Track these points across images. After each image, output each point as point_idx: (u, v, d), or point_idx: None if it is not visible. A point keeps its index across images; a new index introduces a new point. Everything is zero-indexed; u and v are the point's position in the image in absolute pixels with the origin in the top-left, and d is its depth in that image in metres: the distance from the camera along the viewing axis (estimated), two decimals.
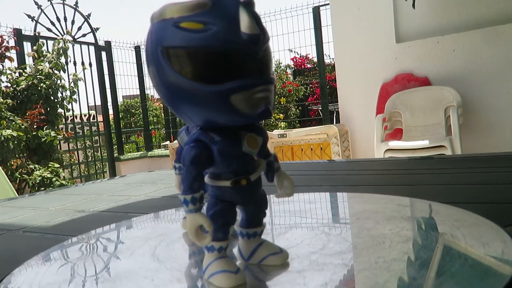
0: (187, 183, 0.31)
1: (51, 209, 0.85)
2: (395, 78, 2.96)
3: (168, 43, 0.29)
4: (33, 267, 0.43)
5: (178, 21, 0.29)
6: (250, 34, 0.29)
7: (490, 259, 0.35)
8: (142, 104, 5.05)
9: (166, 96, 0.31)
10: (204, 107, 0.30)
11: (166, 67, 0.29)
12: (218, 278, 0.32)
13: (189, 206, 0.31)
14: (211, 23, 0.28)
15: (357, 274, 0.35)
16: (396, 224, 0.48)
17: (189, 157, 0.31)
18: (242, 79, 0.29)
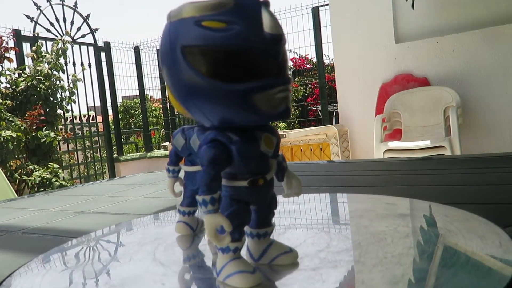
0: (206, 183, 0.31)
1: (51, 210, 0.85)
2: (395, 78, 2.96)
3: (189, 41, 0.29)
4: (33, 269, 0.43)
5: (200, 20, 0.29)
6: (273, 34, 0.29)
7: (490, 260, 0.36)
8: (141, 104, 5.05)
9: (183, 95, 0.31)
10: (224, 106, 0.30)
11: (186, 65, 0.29)
12: (235, 279, 0.32)
13: (208, 207, 0.31)
14: (234, 23, 0.28)
15: (371, 269, 0.35)
16: (390, 221, 0.49)
17: (208, 157, 0.31)
18: (264, 79, 0.29)
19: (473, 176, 0.88)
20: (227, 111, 0.30)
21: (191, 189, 0.47)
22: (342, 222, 0.54)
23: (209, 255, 0.42)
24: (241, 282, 0.32)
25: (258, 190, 0.34)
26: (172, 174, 0.47)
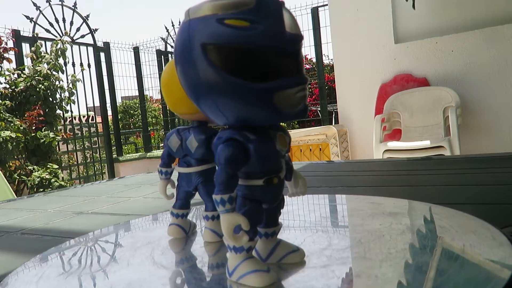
0: (223, 182, 0.31)
1: (50, 210, 0.85)
2: (394, 78, 2.96)
3: (210, 39, 0.29)
4: (30, 269, 0.43)
5: (223, 18, 0.28)
6: (293, 33, 0.29)
7: (488, 261, 0.35)
8: (141, 105, 5.05)
9: (201, 92, 0.31)
10: (246, 104, 0.30)
11: (207, 63, 0.29)
12: (250, 278, 0.32)
13: (226, 206, 0.30)
14: (257, 22, 0.28)
15: (380, 264, 0.36)
16: (382, 219, 0.50)
17: (226, 156, 0.31)
18: (285, 78, 0.30)
19: (472, 177, 0.88)
20: (248, 109, 0.30)
21: (186, 191, 0.46)
22: (336, 221, 0.55)
23: (205, 257, 0.42)
24: (257, 281, 0.32)
25: (272, 189, 0.34)
26: (165, 176, 0.46)
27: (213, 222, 0.45)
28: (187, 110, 0.43)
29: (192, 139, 0.43)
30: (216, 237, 0.45)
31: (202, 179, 0.45)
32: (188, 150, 0.44)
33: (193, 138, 0.43)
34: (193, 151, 0.43)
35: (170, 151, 0.45)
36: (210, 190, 0.45)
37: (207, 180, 0.45)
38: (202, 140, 0.43)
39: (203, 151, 0.43)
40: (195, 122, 0.44)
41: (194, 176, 0.45)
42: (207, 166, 0.45)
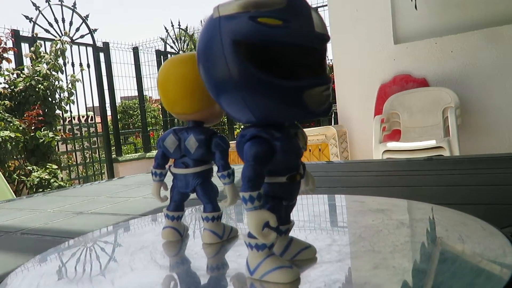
0: (252, 179, 0.31)
1: (49, 210, 0.85)
2: (393, 79, 2.97)
3: (244, 37, 0.29)
4: (30, 270, 0.43)
5: (256, 16, 0.29)
6: (322, 33, 0.30)
7: (488, 261, 0.36)
8: (140, 105, 5.05)
9: (228, 89, 0.31)
10: (276, 102, 0.30)
11: (239, 60, 0.29)
12: (276, 275, 0.32)
13: (254, 203, 0.31)
14: (289, 21, 0.29)
15: (393, 255, 0.37)
16: (371, 216, 0.51)
17: (255, 153, 0.31)
18: (315, 77, 0.30)
19: (472, 177, 0.88)
20: (278, 107, 0.31)
21: (182, 193, 0.45)
22: (329, 219, 0.55)
23: (208, 259, 0.42)
24: (282, 278, 0.32)
25: (293, 186, 0.35)
26: (159, 178, 0.45)
27: (213, 224, 0.44)
28: (184, 110, 0.43)
29: (191, 140, 0.43)
30: (216, 238, 0.44)
31: (200, 180, 0.44)
32: (186, 150, 0.43)
33: (192, 138, 0.43)
34: (192, 152, 0.43)
35: (166, 152, 0.44)
36: (209, 191, 0.45)
37: (205, 181, 0.45)
38: (202, 140, 0.43)
39: (202, 151, 0.43)
40: (191, 123, 0.44)
41: (192, 177, 0.44)
42: (205, 167, 0.44)
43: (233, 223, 0.57)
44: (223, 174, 0.43)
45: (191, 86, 0.41)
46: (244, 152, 0.32)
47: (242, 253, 0.41)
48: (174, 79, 0.42)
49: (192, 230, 0.52)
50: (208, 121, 0.45)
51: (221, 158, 0.44)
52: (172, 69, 0.43)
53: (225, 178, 0.44)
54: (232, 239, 0.45)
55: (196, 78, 0.41)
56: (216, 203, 0.45)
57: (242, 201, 0.31)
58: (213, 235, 0.44)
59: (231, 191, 0.44)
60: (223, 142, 0.44)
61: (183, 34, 5.22)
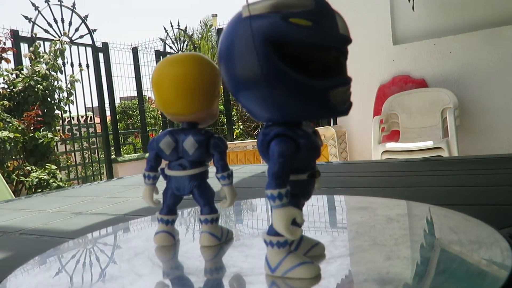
0: (279, 176, 0.31)
1: (48, 211, 0.85)
2: (392, 79, 2.97)
3: (276, 36, 0.30)
4: (29, 271, 0.43)
5: (287, 16, 0.30)
6: (346, 35, 0.31)
7: (485, 262, 0.36)
8: (139, 105, 5.04)
9: (256, 87, 0.31)
10: (304, 100, 0.31)
11: (270, 59, 0.30)
12: (299, 271, 0.32)
13: (282, 200, 0.31)
14: (318, 22, 0.30)
15: (399, 248, 0.39)
16: (358, 213, 0.53)
17: (282, 151, 0.32)
18: (339, 77, 0.32)
19: (470, 178, 0.89)
20: (305, 105, 0.31)
21: (176, 195, 0.45)
22: (317, 218, 0.56)
23: (199, 262, 0.42)
24: (307, 273, 0.32)
25: (311, 183, 0.35)
26: (152, 181, 0.44)
27: (212, 226, 0.44)
28: (179, 111, 0.42)
29: (190, 141, 0.42)
30: (215, 240, 0.44)
31: (197, 182, 0.43)
32: (184, 152, 0.42)
33: (191, 139, 0.42)
34: (190, 153, 0.42)
35: (161, 154, 0.43)
36: (206, 193, 0.44)
37: (202, 183, 0.44)
38: (201, 141, 0.42)
39: (201, 152, 0.42)
40: (185, 124, 0.43)
41: (189, 179, 0.43)
42: (202, 169, 0.44)
43: (233, 224, 0.57)
44: (223, 175, 0.43)
45: (189, 86, 0.41)
46: (270, 150, 0.32)
47: (243, 254, 0.41)
48: (171, 78, 0.41)
49: (183, 233, 0.50)
50: (203, 122, 0.44)
51: (220, 159, 0.43)
52: (169, 68, 0.42)
53: (224, 179, 0.43)
54: (229, 241, 0.45)
55: (193, 79, 0.41)
56: (214, 205, 0.45)
57: (270, 198, 0.31)
58: (212, 238, 0.44)
59: (231, 192, 0.44)
60: (221, 143, 0.44)
61: (182, 34, 5.22)
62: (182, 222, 0.58)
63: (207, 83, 0.42)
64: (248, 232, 0.52)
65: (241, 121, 5.28)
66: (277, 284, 0.33)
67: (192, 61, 0.42)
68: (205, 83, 0.42)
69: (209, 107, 0.43)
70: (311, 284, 0.32)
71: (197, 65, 0.42)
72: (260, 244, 0.44)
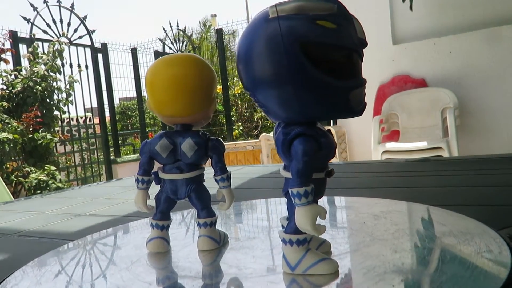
0: (305, 175, 0.32)
1: (47, 212, 0.85)
2: (392, 79, 2.97)
3: (305, 37, 0.31)
4: (28, 273, 0.42)
5: (315, 18, 0.31)
6: (363, 38, 0.33)
7: (485, 262, 0.36)
8: (138, 106, 5.04)
9: (280, 85, 0.32)
10: (327, 100, 0.32)
11: (299, 59, 0.31)
12: (320, 267, 0.33)
13: (308, 198, 0.32)
14: (341, 25, 0.31)
15: (400, 241, 0.41)
16: (344, 212, 0.55)
17: (306, 150, 0.32)
18: (357, 78, 0.33)
19: (470, 178, 0.88)
20: (327, 104, 0.33)
21: (173, 199, 0.43)
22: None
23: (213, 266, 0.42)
24: (328, 269, 0.34)
25: (326, 181, 0.36)
26: (146, 185, 0.43)
27: (210, 229, 0.43)
28: (174, 113, 0.41)
29: (189, 143, 0.41)
30: (215, 244, 0.43)
31: (195, 186, 0.43)
32: (182, 154, 0.41)
33: (190, 142, 0.41)
34: (189, 156, 0.41)
35: (156, 157, 0.42)
36: (203, 196, 0.43)
37: (199, 186, 0.43)
38: (201, 143, 0.41)
39: (199, 155, 0.42)
40: (179, 126, 0.42)
41: (187, 182, 0.42)
42: (199, 171, 0.43)
43: (232, 225, 0.57)
44: (222, 177, 0.43)
45: (187, 88, 0.40)
46: (293, 149, 0.33)
47: (250, 256, 0.41)
48: (168, 79, 0.40)
49: (175, 238, 0.48)
50: (197, 124, 0.43)
51: (218, 161, 0.43)
52: (166, 69, 0.40)
53: (224, 181, 0.43)
54: (226, 244, 0.45)
55: (192, 80, 0.40)
56: (211, 208, 0.44)
57: (295, 196, 0.32)
58: (211, 241, 0.43)
59: (229, 194, 0.44)
60: (220, 145, 0.43)
61: (181, 35, 5.22)
62: (173, 227, 0.58)
63: (205, 85, 0.41)
64: (244, 233, 0.52)
65: (240, 122, 5.28)
66: (298, 281, 0.33)
67: (190, 62, 0.41)
68: (203, 84, 0.41)
69: (207, 109, 0.42)
70: (331, 280, 0.33)
71: (195, 66, 0.41)
72: (261, 245, 0.43)
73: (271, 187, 0.94)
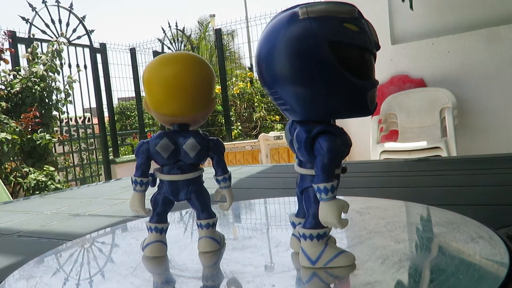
0: (331, 171, 0.34)
1: (46, 213, 0.85)
2: (391, 79, 2.97)
3: (336, 37, 0.32)
4: (27, 273, 0.42)
5: (342, 21, 0.33)
6: (376, 41, 0.35)
7: (483, 261, 0.36)
8: (137, 106, 5.04)
9: (309, 84, 0.33)
10: (350, 98, 0.34)
11: (328, 58, 0.32)
12: (340, 260, 0.35)
13: (334, 192, 0.33)
14: (362, 28, 0.33)
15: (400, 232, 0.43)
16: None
17: (331, 147, 0.34)
18: (373, 78, 0.34)
19: (468, 178, 0.89)
20: (348, 104, 0.34)
21: (171, 201, 0.42)
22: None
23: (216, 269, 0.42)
24: (347, 261, 0.35)
25: (339, 178, 0.37)
26: (144, 188, 0.41)
27: (212, 230, 0.43)
28: (174, 112, 0.40)
29: (191, 143, 0.40)
30: (216, 245, 0.42)
31: (195, 186, 0.42)
32: (185, 155, 0.41)
33: (192, 142, 0.41)
34: (192, 156, 0.41)
35: (155, 157, 0.41)
36: (204, 197, 0.43)
37: (199, 187, 0.42)
38: (203, 142, 0.41)
39: (202, 154, 0.41)
40: (176, 126, 0.41)
41: (188, 183, 0.41)
42: (200, 172, 0.42)
43: (231, 226, 0.57)
44: (224, 177, 0.43)
45: (192, 87, 0.39)
46: (318, 145, 0.34)
47: (259, 254, 0.41)
48: (169, 77, 0.39)
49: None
50: (195, 124, 0.42)
51: (220, 161, 0.43)
52: (166, 67, 0.39)
53: (226, 181, 0.43)
54: (224, 245, 0.44)
55: (195, 79, 0.40)
56: (211, 209, 0.43)
57: (322, 191, 0.33)
58: (213, 242, 0.42)
59: (230, 194, 0.44)
60: (221, 145, 0.43)
61: (180, 35, 5.22)
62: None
63: (207, 84, 0.41)
64: (244, 233, 0.52)
65: (239, 122, 5.28)
66: (319, 275, 0.34)
67: (193, 60, 0.40)
68: (205, 83, 0.40)
69: (207, 108, 0.42)
70: (350, 271, 0.34)
71: (199, 65, 0.40)
72: (264, 243, 0.44)
73: (270, 187, 0.94)
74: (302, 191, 0.37)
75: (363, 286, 0.32)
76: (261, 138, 3.61)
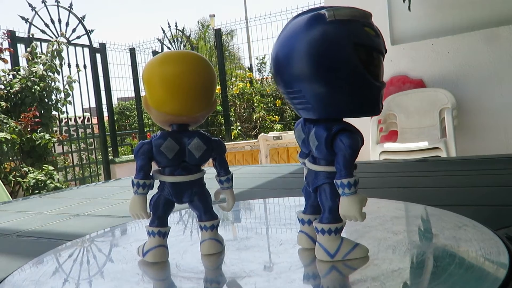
0: (352, 166, 0.35)
1: (45, 212, 0.84)
2: (390, 80, 2.97)
3: (360, 40, 0.34)
4: (26, 273, 0.42)
5: (364, 25, 0.35)
6: (385, 46, 0.36)
7: (483, 262, 0.36)
8: (137, 106, 5.04)
9: (332, 83, 0.34)
10: (367, 98, 0.36)
11: (353, 60, 0.34)
12: (358, 252, 0.37)
13: (356, 187, 0.35)
14: (376, 32, 0.36)
15: (388, 227, 0.44)
16: None
17: (353, 143, 0.35)
18: (382, 80, 0.36)
19: (468, 178, 0.89)
20: (365, 103, 0.36)
21: (173, 203, 0.41)
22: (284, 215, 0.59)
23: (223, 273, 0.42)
24: (363, 252, 0.37)
25: None
26: (146, 190, 0.40)
27: (216, 231, 0.42)
28: (177, 111, 0.39)
29: (197, 144, 0.40)
30: (220, 246, 0.42)
31: (199, 187, 0.41)
32: (190, 155, 0.40)
33: (198, 141, 0.40)
34: (197, 156, 0.40)
35: (159, 158, 0.39)
36: (207, 198, 0.42)
37: (202, 188, 0.42)
38: (208, 143, 0.41)
39: (206, 155, 0.40)
40: (175, 126, 0.40)
41: (192, 184, 0.40)
42: (202, 173, 0.41)
43: (230, 226, 0.57)
44: (227, 177, 0.42)
45: (191, 86, 0.39)
46: (339, 143, 0.35)
47: (269, 252, 0.41)
48: (171, 76, 0.38)
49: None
50: (194, 124, 0.42)
51: (223, 162, 0.42)
52: (167, 66, 0.39)
53: (229, 181, 0.43)
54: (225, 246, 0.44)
55: (201, 78, 0.39)
56: (213, 210, 0.43)
57: (345, 187, 0.34)
58: (217, 244, 0.42)
59: (232, 194, 0.43)
60: (223, 145, 0.42)
61: (180, 35, 5.21)
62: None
63: (210, 83, 0.40)
64: (247, 233, 0.52)
65: (239, 122, 5.28)
66: (337, 267, 0.36)
67: (197, 60, 0.40)
68: (209, 82, 0.40)
69: (210, 108, 0.41)
70: (364, 262, 0.36)
71: (203, 65, 0.40)
72: (270, 242, 0.44)
73: (270, 187, 0.94)
74: (316, 188, 0.38)
75: (390, 273, 0.33)
76: (261, 138, 3.61)
